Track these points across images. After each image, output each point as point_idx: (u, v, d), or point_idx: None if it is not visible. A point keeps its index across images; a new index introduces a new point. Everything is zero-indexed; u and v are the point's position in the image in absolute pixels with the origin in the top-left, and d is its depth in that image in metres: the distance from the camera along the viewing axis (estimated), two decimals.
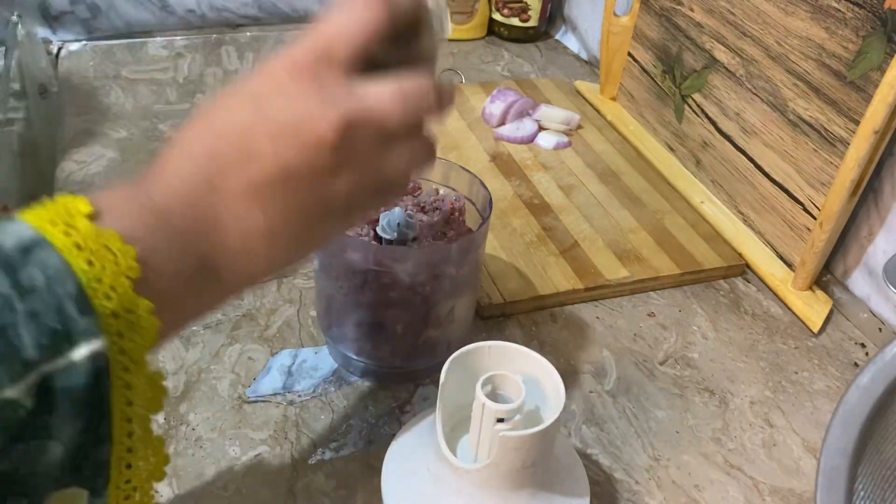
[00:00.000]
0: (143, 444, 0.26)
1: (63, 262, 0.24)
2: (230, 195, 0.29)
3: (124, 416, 0.25)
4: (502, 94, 0.82)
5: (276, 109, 0.29)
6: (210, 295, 0.30)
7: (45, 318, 0.23)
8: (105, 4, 0.92)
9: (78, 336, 0.23)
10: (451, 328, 0.50)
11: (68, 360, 0.23)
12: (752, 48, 0.66)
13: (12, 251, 0.23)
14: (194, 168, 0.29)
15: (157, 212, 0.27)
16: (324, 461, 0.46)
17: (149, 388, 0.26)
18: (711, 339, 0.59)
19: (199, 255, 0.28)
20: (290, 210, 0.30)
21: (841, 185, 0.57)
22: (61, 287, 0.23)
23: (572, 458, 0.43)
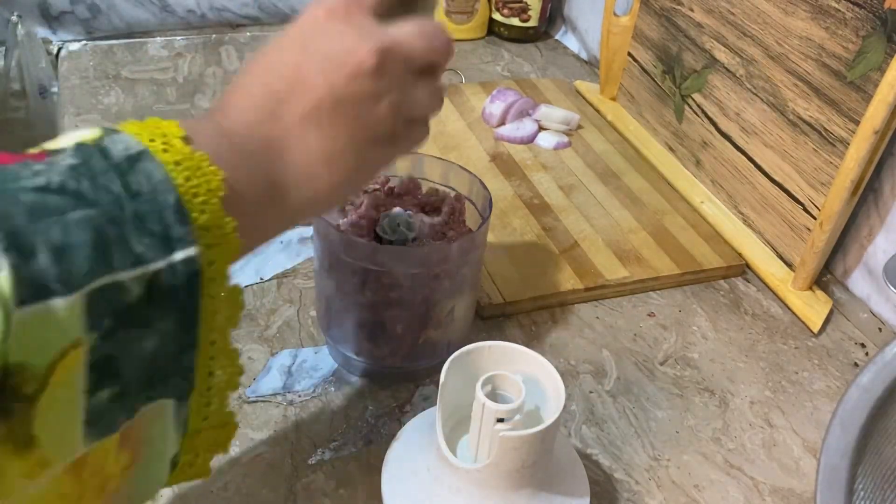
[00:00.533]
0: (223, 354, 0.29)
1: (165, 174, 0.26)
2: (290, 121, 0.32)
3: (209, 324, 0.28)
4: (502, 94, 0.82)
5: (321, 45, 0.33)
6: (278, 215, 0.33)
7: (149, 221, 0.25)
8: (105, 4, 0.92)
9: (176, 242, 0.26)
10: (451, 328, 0.50)
11: (168, 261, 0.25)
12: (752, 48, 0.66)
13: (122, 158, 0.26)
14: (256, 102, 0.32)
15: (230, 137, 0.31)
16: (324, 461, 0.46)
17: (229, 301, 0.29)
18: (711, 339, 0.59)
19: (268, 175, 0.31)
20: (342, 132, 0.33)
21: (841, 185, 0.57)
22: (163, 196, 0.26)
23: (572, 458, 0.43)
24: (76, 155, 0.25)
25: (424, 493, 0.40)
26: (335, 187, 0.34)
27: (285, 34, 0.34)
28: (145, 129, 0.27)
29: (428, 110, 0.37)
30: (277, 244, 0.63)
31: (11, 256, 0.21)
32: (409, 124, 0.36)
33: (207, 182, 0.27)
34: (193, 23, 0.97)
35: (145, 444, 0.27)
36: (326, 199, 0.35)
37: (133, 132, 0.27)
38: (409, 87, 0.35)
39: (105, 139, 0.26)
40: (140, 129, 0.27)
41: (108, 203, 0.24)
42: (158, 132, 0.27)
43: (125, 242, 0.24)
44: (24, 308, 0.21)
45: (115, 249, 0.24)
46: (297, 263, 0.61)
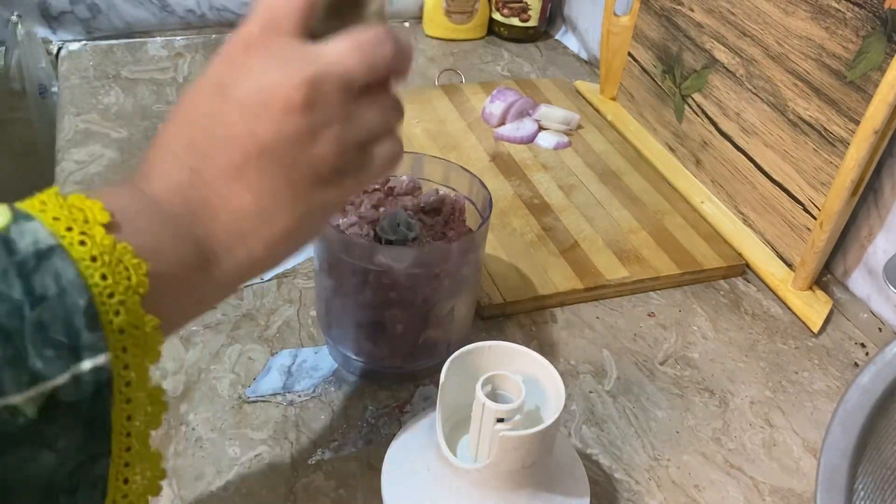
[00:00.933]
0: (141, 459, 0.26)
1: (77, 275, 0.23)
2: (213, 180, 0.29)
3: (123, 430, 0.25)
4: (502, 94, 0.82)
5: (238, 88, 0.29)
6: (212, 285, 0.30)
7: (52, 330, 0.23)
8: (105, 4, 0.92)
9: (84, 351, 0.23)
10: (451, 328, 0.50)
11: (72, 374, 0.23)
12: (752, 48, 0.66)
13: (28, 255, 0.23)
14: (176, 162, 0.29)
15: (153, 206, 0.28)
16: (324, 461, 0.46)
17: (149, 403, 0.26)
18: (711, 339, 0.59)
19: (196, 241, 0.29)
20: (276, 183, 0.30)
21: (841, 185, 0.57)
22: (72, 300, 0.23)
23: (572, 458, 0.43)
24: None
25: (424, 493, 0.40)
26: (277, 244, 0.31)
27: (204, 76, 0.31)
28: (65, 211, 0.25)
29: (385, 128, 0.33)
30: None
31: None
32: (365, 150, 0.32)
33: (127, 279, 0.25)
34: (193, 23, 0.97)
35: None
36: (269, 258, 0.31)
37: (48, 219, 0.24)
38: (354, 111, 0.31)
39: (12, 229, 0.23)
40: (59, 210, 0.25)
41: (3, 314, 0.22)
42: (80, 217, 0.24)
43: (20, 361, 0.22)
44: None
45: (6, 371, 0.22)
46: (297, 263, 0.61)
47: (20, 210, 0.24)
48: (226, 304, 0.56)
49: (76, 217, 0.24)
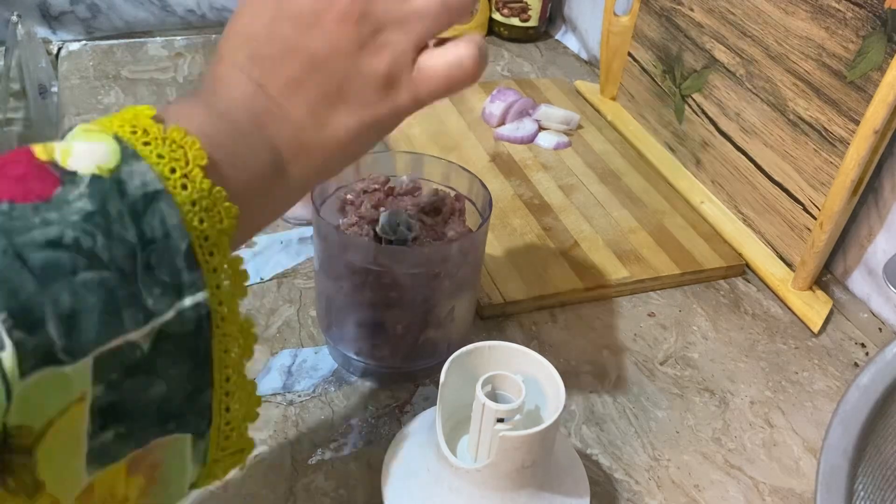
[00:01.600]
0: (239, 388, 0.28)
1: (180, 220, 0.25)
2: (276, 91, 0.30)
3: (223, 362, 0.27)
4: (502, 94, 0.82)
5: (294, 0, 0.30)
6: (281, 192, 0.31)
7: (159, 270, 0.24)
8: (105, 4, 0.92)
9: (185, 289, 0.25)
10: (451, 328, 0.50)
11: (177, 310, 0.24)
12: (752, 48, 0.66)
13: (138, 197, 0.24)
14: (241, 76, 0.30)
15: (227, 123, 0.29)
16: (324, 461, 0.46)
17: (241, 336, 0.28)
18: (711, 339, 0.59)
19: (268, 150, 0.30)
20: (330, 95, 0.31)
21: (841, 185, 0.57)
22: (175, 243, 0.25)
23: (572, 458, 0.43)
24: (92, 196, 0.23)
25: (424, 493, 0.40)
26: (331, 155, 0.32)
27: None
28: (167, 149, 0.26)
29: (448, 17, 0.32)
30: (277, 244, 0.63)
31: (17, 333, 0.21)
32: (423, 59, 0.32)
33: (220, 222, 0.26)
34: (193, 23, 0.97)
35: (163, 468, 0.27)
36: (325, 169, 0.33)
37: (153, 158, 0.25)
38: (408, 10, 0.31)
39: (123, 170, 0.24)
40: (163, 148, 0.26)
41: (121, 258, 0.23)
42: (181, 157, 0.26)
43: (137, 300, 0.23)
44: (27, 377, 0.21)
45: (126, 310, 0.23)
46: (297, 263, 0.61)
47: (128, 148, 0.25)
48: None
49: (178, 157, 0.26)
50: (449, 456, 0.38)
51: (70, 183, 0.23)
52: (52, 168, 0.24)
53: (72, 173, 0.24)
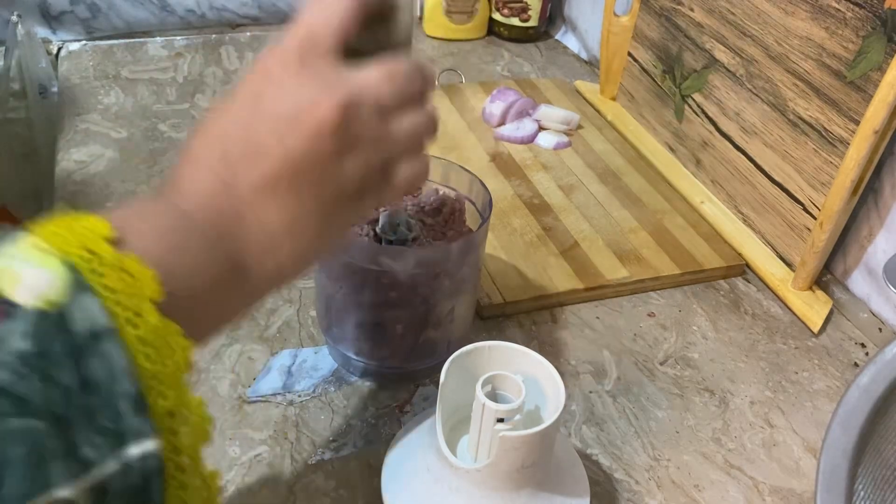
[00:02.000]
0: None
1: (127, 360, 0.23)
2: (245, 192, 0.29)
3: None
4: (502, 94, 0.82)
5: (274, 103, 0.30)
6: (242, 295, 0.30)
7: (101, 417, 0.22)
8: (105, 4, 0.92)
9: (130, 437, 0.23)
10: (451, 328, 0.50)
11: (121, 461, 0.22)
12: (752, 48, 0.66)
13: (83, 337, 0.22)
14: (208, 174, 0.29)
15: (188, 222, 0.28)
16: (324, 461, 0.46)
17: (204, 488, 0.25)
18: (711, 339, 0.59)
19: (228, 255, 0.29)
20: (304, 199, 0.30)
21: (841, 185, 0.57)
22: (121, 386, 0.23)
23: (572, 458, 0.43)
24: (33, 336, 0.22)
25: (424, 493, 0.40)
26: (301, 256, 0.31)
27: (237, 90, 0.31)
28: (117, 278, 0.24)
29: (412, 142, 0.33)
30: None
31: None
32: (390, 170, 0.33)
33: (174, 360, 0.24)
34: (193, 23, 0.97)
35: None
36: (292, 270, 0.32)
37: (104, 290, 0.23)
38: (381, 133, 0.32)
39: (70, 304, 0.22)
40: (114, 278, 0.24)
41: (56, 403, 0.21)
42: (133, 288, 0.24)
43: (71, 450, 0.21)
44: None
45: (57, 462, 0.21)
46: None
47: (79, 278, 0.23)
48: None
49: (130, 291, 0.24)
50: (449, 456, 0.38)
51: (11, 317, 0.22)
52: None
53: (14, 306, 0.22)
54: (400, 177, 0.34)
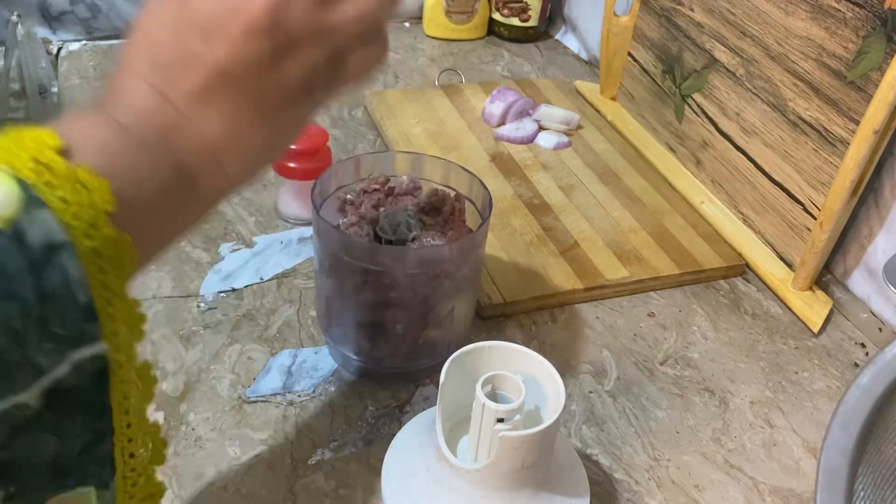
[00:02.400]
0: (142, 433, 0.27)
1: (81, 273, 0.23)
2: (182, 102, 0.28)
3: (122, 409, 0.26)
4: (502, 94, 0.82)
5: (199, 5, 0.28)
6: (192, 206, 0.30)
7: (53, 324, 0.23)
8: (105, 4, 0.92)
9: (82, 342, 0.23)
10: (451, 328, 0.50)
11: (72, 364, 0.23)
12: (752, 48, 0.66)
13: (38, 250, 0.22)
14: (142, 84, 0.28)
15: (128, 134, 0.27)
16: (324, 461, 0.46)
17: (140, 380, 0.27)
18: (711, 339, 0.59)
19: (173, 165, 0.28)
20: (242, 105, 0.29)
21: (841, 185, 0.57)
22: (75, 296, 0.23)
23: (572, 458, 0.43)
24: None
25: (424, 493, 0.40)
26: (250, 161, 0.30)
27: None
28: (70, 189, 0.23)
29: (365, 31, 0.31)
30: (277, 244, 0.63)
31: None
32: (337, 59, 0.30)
33: (120, 269, 0.25)
34: None
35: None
36: (242, 176, 0.31)
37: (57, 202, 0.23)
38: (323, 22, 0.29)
39: (24, 218, 0.22)
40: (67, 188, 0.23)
41: (15, 317, 0.22)
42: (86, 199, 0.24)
43: (27, 360, 0.22)
44: None
45: (16, 372, 0.22)
46: (297, 263, 0.61)
47: (31, 192, 0.23)
48: (226, 304, 0.56)
49: (83, 202, 0.24)
50: (449, 456, 0.38)
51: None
52: None
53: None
54: (353, 63, 0.31)
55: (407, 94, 0.85)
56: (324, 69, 0.30)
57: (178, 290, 0.57)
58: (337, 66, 0.31)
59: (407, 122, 0.80)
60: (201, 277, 0.58)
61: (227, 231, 0.63)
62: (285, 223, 0.65)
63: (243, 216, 0.65)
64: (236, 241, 0.63)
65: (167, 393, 0.49)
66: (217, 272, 0.59)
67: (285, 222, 0.65)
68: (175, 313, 0.55)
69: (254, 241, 0.63)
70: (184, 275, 0.58)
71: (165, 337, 0.53)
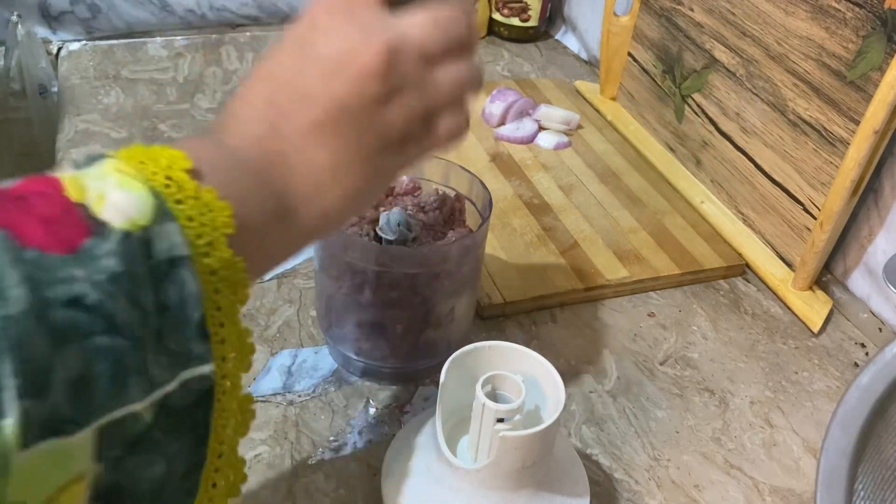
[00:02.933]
0: (229, 465, 0.27)
1: (198, 288, 0.24)
2: (292, 135, 0.30)
3: (218, 437, 0.26)
4: (502, 94, 0.82)
5: (321, 48, 0.30)
6: (290, 236, 0.31)
7: (168, 339, 0.23)
8: (105, 4, 0.92)
9: (192, 360, 0.24)
10: (451, 328, 0.50)
11: (180, 381, 0.24)
12: (752, 48, 0.66)
13: (162, 261, 0.23)
14: (257, 116, 0.30)
15: (235, 158, 0.29)
16: (324, 461, 0.46)
17: (239, 412, 0.27)
18: (711, 339, 0.59)
19: (276, 194, 0.29)
20: (349, 143, 0.31)
21: (841, 185, 0.57)
22: (189, 312, 0.24)
23: (572, 458, 0.43)
24: (121, 255, 0.22)
25: (424, 493, 0.40)
26: (347, 201, 0.32)
27: (286, 37, 0.32)
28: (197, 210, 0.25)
29: (454, 99, 0.33)
30: None
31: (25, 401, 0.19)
32: (432, 120, 0.33)
33: (234, 292, 0.26)
34: (193, 23, 0.97)
35: None
36: (339, 215, 0.32)
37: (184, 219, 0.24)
38: (424, 80, 0.32)
39: (154, 228, 0.23)
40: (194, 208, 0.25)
41: (136, 324, 0.22)
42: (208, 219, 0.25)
43: (144, 369, 0.23)
44: (28, 450, 0.19)
45: (134, 379, 0.22)
46: (297, 263, 0.61)
47: (163, 205, 0.24)
48: None
49: (206, 222, 0.25)
50: (449, 456, 0.38)
51: (100, 236, 0.22)
52: (82, 213, 0.23)
53: (103, 224, 0.23)
54: (442, 127, 0.34)
55: None
56: (419, 122, 0.32)
57: None
58: (429, 123, 0.33)
59: None
60: None
61: None
62: None
63: None
64: None
65: None
66: None
67: None
68: None
69: None
70: None
71: None
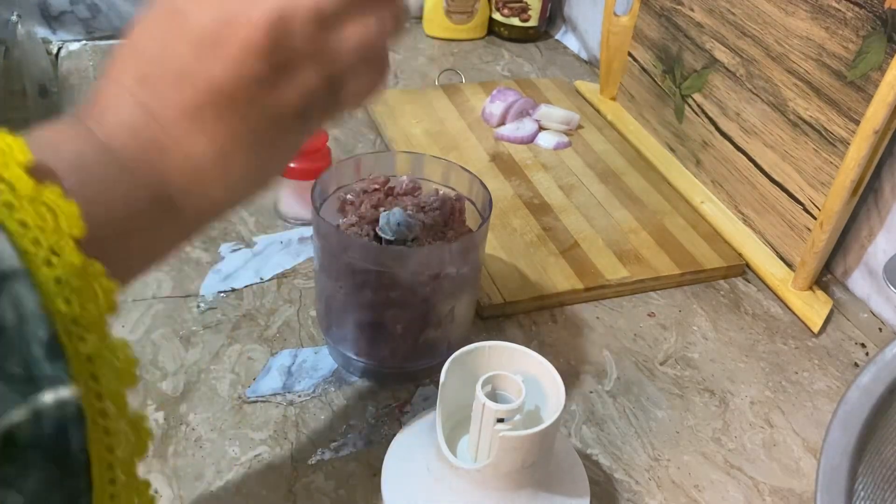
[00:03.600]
0: (128, 490, 0.24)
1: (38, 305, 0.21)
2: (168, 120, 0.26)
3: (105, 462, 0.23)
4: (502, 94, 0.82)
5: (194, 17, 0.26)
6: (172, 228, 0.28)
7: (8, 363, 0.20)
8: (105, 4, 0.92)
9: (43, 383, 0.21)
10: (451, 328, 0.50)
11: (32, 408, 0.20)
12: (752, 48, 0.66)
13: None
14: (128, 98, 0.26)
15: (108, 151, 0.25)
16: (324, 461, 0.46)
17: (132, 432, 0.24)
18: (711, 339, 0.59)
19: (151, 188, 0.26)
20: (233, 127, 0.27)
21: (841, 185, 0.57)
22: (32, 331, 0.20)
23: (572, 458, 0.43)
24: None
25: (424, 493, 0.40)
26: (235, 188, 0.29)
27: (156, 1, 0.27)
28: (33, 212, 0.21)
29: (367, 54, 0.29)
30: (277, 244, 0.63)
31: None
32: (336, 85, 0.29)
33: (96, 302, 0.22)
34: None
35: None
36: (228, 202, 0.29)
37: (15, 226, 0.21)
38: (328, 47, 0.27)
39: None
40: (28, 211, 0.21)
41: None
42: (49, 223, 0.21)
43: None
44: None
45: None
46: (297, 263, 0.61)
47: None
48: (226, 304, 0.56)
49: (45, 226, 0.21)
50: (449, 456, 0.38)
51: None
52: None
53: None
54: (351, 91, 0.30)
55: (407, 94, 0.85)
56: (321, 95, 0.29)
57: (178, 291, 0.57)
58: (334, 92, 0.29)
59: (407, 122, 0.80)
60: (201, 277, 0.58)
61: (227, 231, 0.63)
62: (285, 223, 0.65)
63: (243, 216, 0.65)
64: (236, 241, 0.63)
65: (167, 393, 0.49)
66: (217, 272, 0.59)
67: (285, 222, 0.65)
68: (175, 313, 0.55)
69: (254, 241, 0.63)
70: (184, 275, 0.58)
71: (165, 337, 0.53)
